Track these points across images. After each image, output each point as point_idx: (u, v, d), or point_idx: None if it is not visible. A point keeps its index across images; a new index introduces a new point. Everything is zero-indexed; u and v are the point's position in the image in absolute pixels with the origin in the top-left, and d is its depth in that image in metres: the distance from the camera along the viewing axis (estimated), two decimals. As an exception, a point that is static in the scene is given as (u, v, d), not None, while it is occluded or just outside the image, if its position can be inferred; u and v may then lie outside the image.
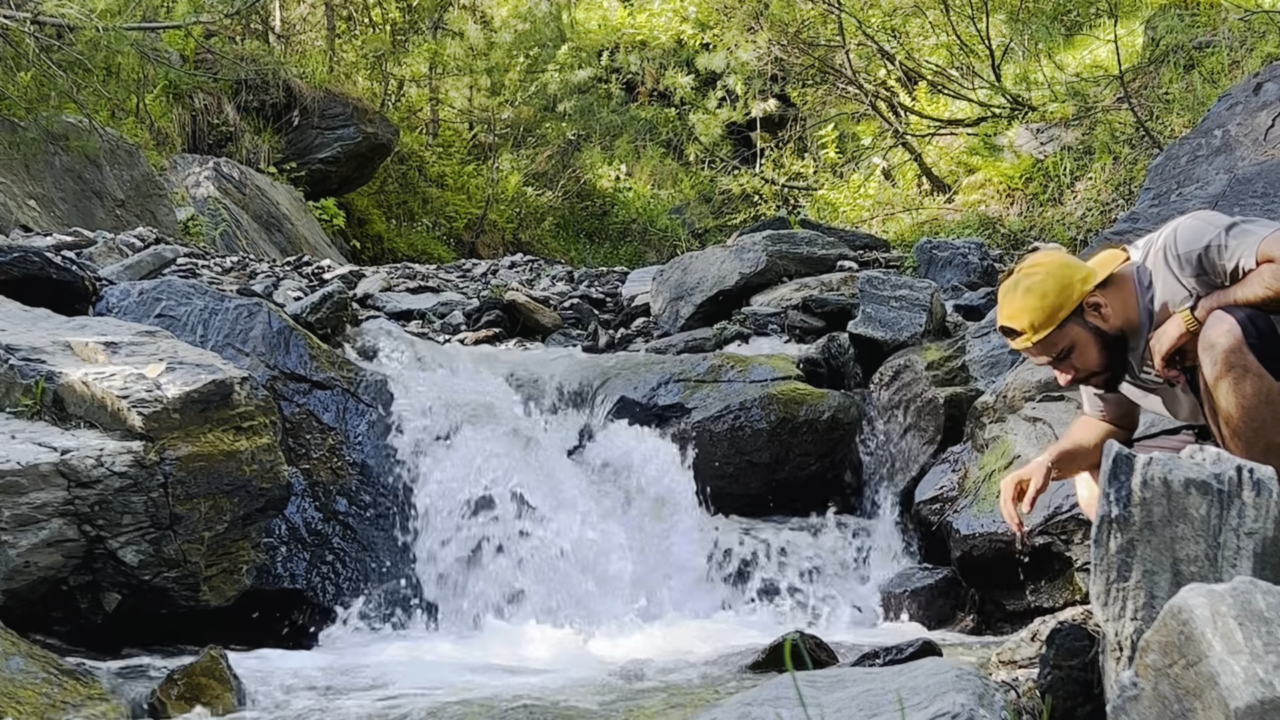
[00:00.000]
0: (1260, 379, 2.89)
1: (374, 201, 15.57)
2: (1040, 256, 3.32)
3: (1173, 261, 3.09)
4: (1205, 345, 2.97)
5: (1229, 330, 2.92)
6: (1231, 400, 2.92)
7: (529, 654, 4.25)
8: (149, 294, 5.46)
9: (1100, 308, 3.19)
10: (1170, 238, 3.12)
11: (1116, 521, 2.36)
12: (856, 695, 2.34)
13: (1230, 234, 3.01)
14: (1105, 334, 3.21)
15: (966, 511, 4.91)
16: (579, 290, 8.22)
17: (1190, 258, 3.06)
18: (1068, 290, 3.19)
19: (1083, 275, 3.21)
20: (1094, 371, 3.26)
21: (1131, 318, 3.21)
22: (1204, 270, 3.04)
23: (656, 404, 5.61)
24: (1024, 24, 12.51)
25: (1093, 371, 3.26)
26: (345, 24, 16.89)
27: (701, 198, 18.38)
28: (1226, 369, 2.92)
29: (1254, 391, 2.89)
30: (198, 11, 12.18)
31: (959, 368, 5.61)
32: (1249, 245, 2.97)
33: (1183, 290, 3.08)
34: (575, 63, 17.94)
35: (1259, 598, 1.95)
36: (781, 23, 14.35)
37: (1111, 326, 3.21)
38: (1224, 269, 3.01)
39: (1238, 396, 2.91)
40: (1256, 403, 2.89)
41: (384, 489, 5.07)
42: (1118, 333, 3.22)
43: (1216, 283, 3.03)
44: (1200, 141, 5.95)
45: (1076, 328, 3.21)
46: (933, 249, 7.74)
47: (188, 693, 3.22)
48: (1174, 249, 3.09)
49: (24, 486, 3.86)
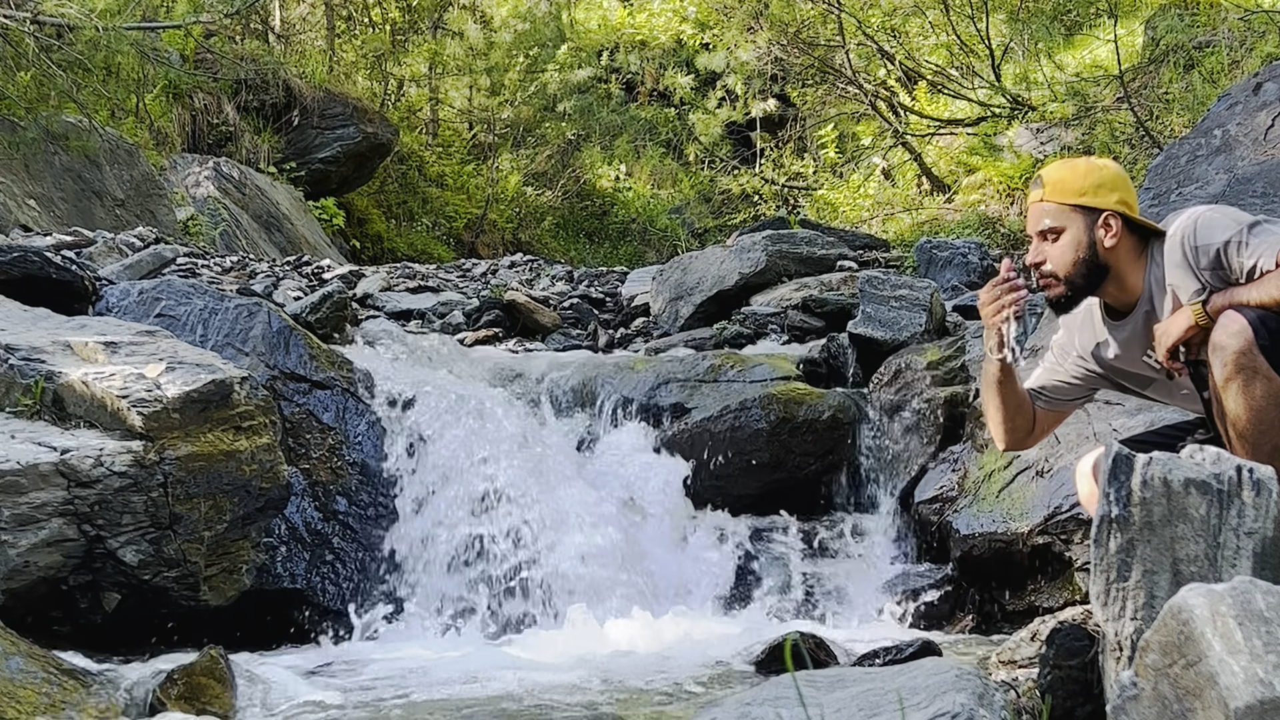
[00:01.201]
0: (1270, 381, 2.88)
1: (374, 201, 15.58)
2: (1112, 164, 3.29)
3: (1189, 251, 3.06)
4: (1215, 346, 2.95)
5: (1239, 331, 2.90)
6: (1240, 402, 2.91)
7: (528, 653, 4.25)
8: (149, 294, 5.46)
9: (1110, 229, 3.16)
10: (1190, 227, 3.08)
11: (1116, 521, 2.36)
12: (856, 695, 2.35)
13: (1252, 232, 2.98)
14: (1096, 253, 3.18)
15: (966, 511, 4.91)
16: (579, 290, 8.22)
17: (1208, 250, 3.03)
18: (1102, 190, 3.17)
19: (1121, 197, 3.18)
20: (1056, 276, 3.19)
21: (1134, 281, 3.19)
22: (1220, 265, 3.01)
23: (656, 404, 5.61)
24: (1024, 24, 12.51)
25: (1055, 276, 3.19)
26: (345, 24, 16.89)
27: (701, 198, 18.38)
28: (1236, 370, 2.90)
29: (1263, 394, 2.88)
30: (198, 11, 12.18)
31: (959, 368, 5.61)
32: (1270, 245, 2.94)
33: (1195, 282, 3.06)
34: (575, 63, 17.94)
35: (1259, 598, 1.95)
36: (781, 23, 14.35)
37: (1105, 254, 3.16)
38: (1241, 266, 2.99)
39: (1247, 398, 2.90)
40: (1265, 405, 2.88)
41: (383, 489, 5.07)
42: (1104, 264, 3.17)
43: (1231, 279, 3.01)
44: (1200, 141, 5.95)
45: (1079, 223, 3.17)
46: (933, 249, 7.74)
47: (187, 692, 3.22)
48: (1191, 239, 3.06)
49: (24, 486, 3.87)
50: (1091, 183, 3.18)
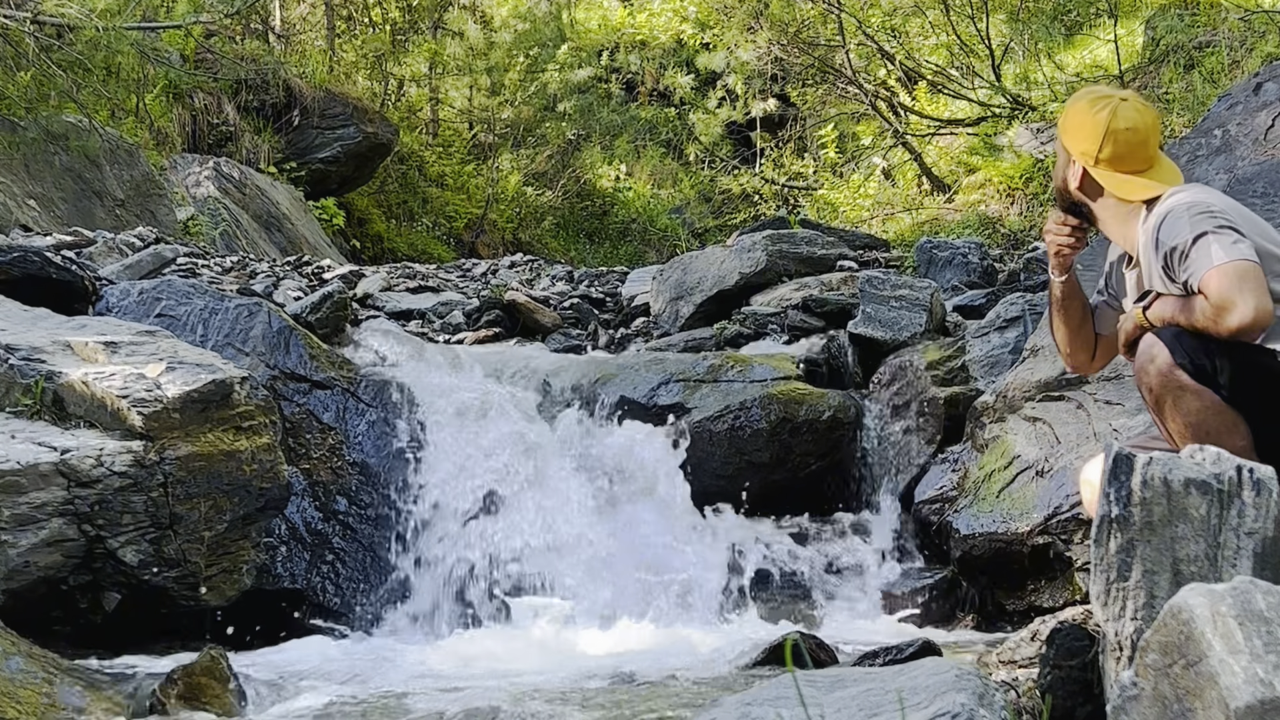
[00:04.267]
0: (1199, 394, 2.90)
1: (374, 201, 15.57)
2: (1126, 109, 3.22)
3: (1153, 243, 3.07)
4: (1139, 374, 2.99)
5: (1157, 355, 2.93)
6: (1177, 419, 2.93)
7: (527, 654, 4.25)
8: (149, 294, 5.46)
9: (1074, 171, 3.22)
10: (1160, 216, 3.08)
11: (1116, 521, 2.36)
12: (856, 695, 2.34)
13: (1195, 245, 2.95)
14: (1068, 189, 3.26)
15: (966, 511, 4.91)
16: (579, 290, 8.21)
17: (1162, 248, 3.04)
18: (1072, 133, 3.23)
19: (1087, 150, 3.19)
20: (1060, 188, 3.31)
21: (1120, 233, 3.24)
22: (1169, 266, 3.03)
23: (656, 404, 5.61)
24: (1024, 24, 12.51)
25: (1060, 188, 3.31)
26: (345, 24, 16.89)
27: (701, 197, 18.37)
28: (1164, 391, 2.93)
29: (1196, 407, 2.90)
30: (198, 11, 12.18)
31: (959, 367, 5.61)
32: (1201, 267, 2.92)
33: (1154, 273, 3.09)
34: (575, 62, 17.93)
35: (1259, 598, 1.95)
36: (781, 22, 14.35)
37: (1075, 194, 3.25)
38: (1180, 277, 3.00)
39: (1181, 415, 2.92)
40: (1202, 417, 2.89)
41: (383, 488, 5.07)
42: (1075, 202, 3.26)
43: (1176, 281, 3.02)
44: (1200, 141, 5.95)
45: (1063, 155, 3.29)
46: (933, 249, 7.73)
47: (187, 692, 3.23)
48: (1157, 231, 3.07)
49: (24, 486, 3.87)
50: (1073, 122, 3.26)
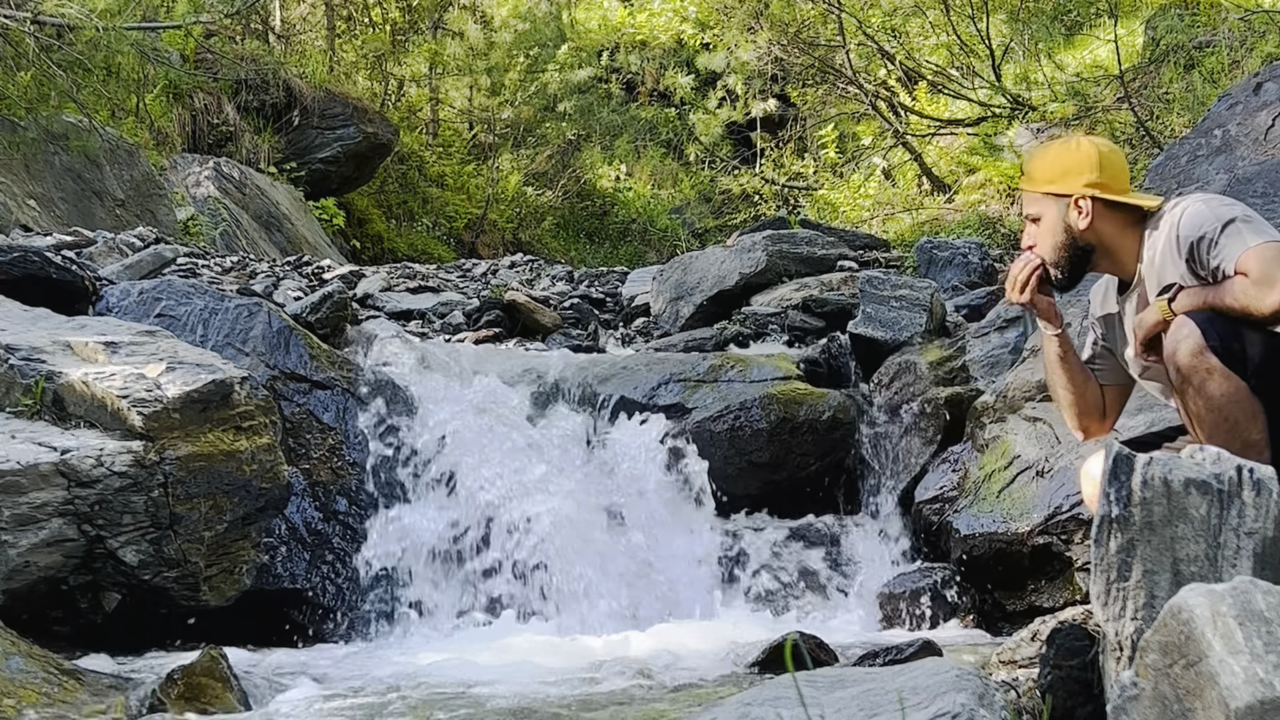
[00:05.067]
0: (1226, 379, 2.90)
1: (374, 201, 15.57)
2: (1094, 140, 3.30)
3: (1176, 240, 3.08)
4: (1169, 353, 2.99)
5: (1189, 335, 2.93)
6: (1200, 403, 2.93)
7: (527, 654, 4.25)
8: (149, 294, 5.46)
9: (1081, 211, 3.20)
10: (1179, 215, 3.10)
11: (1116, 521, 2.36)
12: (857, 695, 2.34)
13: (1224, 232, 2.99)
14: (1073, 236, 3.21)
15: (967, 511, 4.91)
16: (579, 290, 8.22)
17: (1185, 244, 3.05)
18: (1068, 175, 3.21)
19: (1090, 178, 3.19)
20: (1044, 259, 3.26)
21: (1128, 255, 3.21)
22: (1194, 259, 3.04)
23: (656, 404, 5.60)
24: (1024, 24, 12.51)
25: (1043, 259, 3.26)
26: (345, 24, 16.89)
27: (701, 198, 18.38)
28: (1191, 372, 2.93)
29: (1221, 392, 2.90)
30: (198, 11, 12.17)
31: (959, 368, 5.61)
32: (1234, 250, 2.95)
33: (1175, 273, 3.08)
34: (575, 63, 17.93)
35: (1259, 598, 1.95)
36: (781, 23, 14.35)
37: (1083, 235, 3.21)
38: (1209, 265, 3.01)
39: (1205, 399, 2.92)
40: (1225, 402, 2.90)
41: (384, 488, 5.07)
42: (1085, 245, 3.22)
43: (1202, 274, 3.03)
44: (1200, 141, 5.95)
45: (1054, 209, 3.23)
46: (933, 249, 7.73)
47: (188, 692, 3.22)
48: (1177, 228, 3.09)
49: (24, 486, 3.87)
50: (1058, 169, 3.24)
